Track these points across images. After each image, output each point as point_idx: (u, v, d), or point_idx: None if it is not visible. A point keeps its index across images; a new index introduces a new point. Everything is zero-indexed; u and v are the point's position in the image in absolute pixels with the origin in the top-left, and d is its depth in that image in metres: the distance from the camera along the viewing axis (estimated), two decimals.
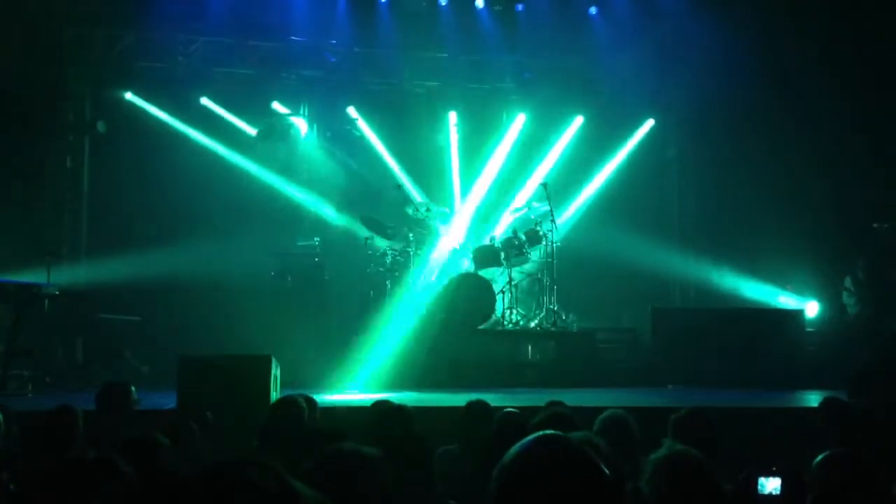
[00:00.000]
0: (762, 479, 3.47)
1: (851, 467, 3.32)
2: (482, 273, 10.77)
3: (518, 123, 13.21)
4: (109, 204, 11.81)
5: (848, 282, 10.32)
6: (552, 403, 5.12)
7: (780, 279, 12.00)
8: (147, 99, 12.09)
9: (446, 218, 11.68)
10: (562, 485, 1.58)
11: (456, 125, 13.03)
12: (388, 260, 11.00)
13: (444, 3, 12.50)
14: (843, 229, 11.40)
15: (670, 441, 3.13)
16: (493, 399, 5.51)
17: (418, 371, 9.66)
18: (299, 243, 11.76)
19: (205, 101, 12.30)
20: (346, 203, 12.19)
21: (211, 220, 11.59)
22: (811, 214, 11.76)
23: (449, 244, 11.27)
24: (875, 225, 10.28)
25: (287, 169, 12.50)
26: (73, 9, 11.35)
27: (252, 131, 12.36)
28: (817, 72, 11.47)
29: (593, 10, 12.73)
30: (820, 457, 3.44)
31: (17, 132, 11.01)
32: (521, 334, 10.76)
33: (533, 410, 5.11)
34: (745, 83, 11.76)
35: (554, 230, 11.02)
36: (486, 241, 11.20)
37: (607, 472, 1.62)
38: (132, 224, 11.58)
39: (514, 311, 10.93)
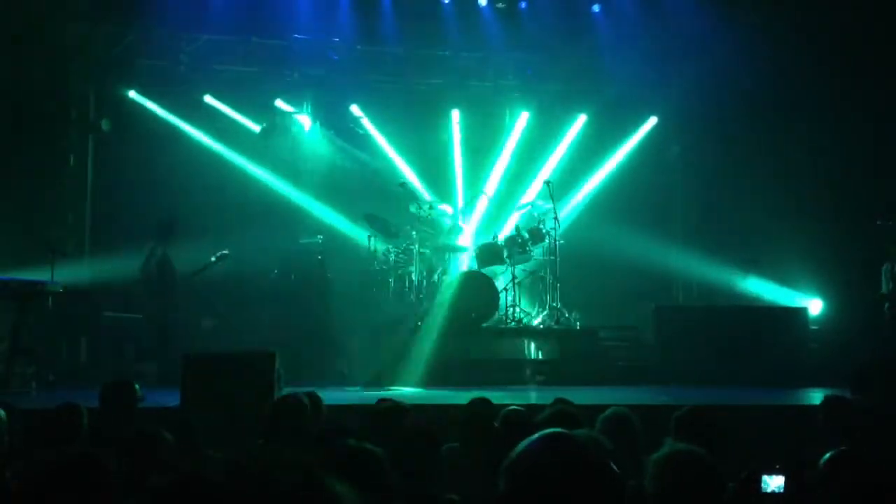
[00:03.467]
0: (765, 477, 3.48)
1: (859, 466, 3.33)
2: (485, 271, 10.77)
3: (521, 121, 13.22)
4: (113, 202, 11.82)
5: (885, 284, 10.15)
6: (558, 401, 5.12)
7: (783, 277, 12.00)
8: (150, 97, 12.10)
9: (450, 216, 11.68)
10: (568, 482, 1.59)
11: (459, 123, 13.05)
12: (392, 258, 11.01)
13: (447, 1, 12.50)
14: (848, 227, 11.38)
15: (671, 439, 3.13)
16: (495, 397, 5.51)
17: (422, 369, 9.67)
18: (302, 241, 11.77)
19: (208, 98, 12.32)
20: (350, 201, 12.19)
21: (214, 218, 11.60)
22: (815, 212, 11.75)
23: (458, 242, 11.31)
24: (878, 222, 10.24)
25: (290, 167, 12.52)
26: (75, 7, 11.35)
27: (255, 128, 12.38)
28: (822, 69, 11.46)
29: (596, 7, 12.73)
30: (827, 455, 3.44)
31: (21, 130, 11.02)
32: (524, 332, 10.76)
33: (536, 408, 5.12)
34: (750, 81, 11.76)
35: (557, 228, 11.02)
36: (490, 239, 11.19)
37: (614, 469, 1.63)
38: (135, 222, 11.58)
39: (517, 309, 10.94)
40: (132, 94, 12.06)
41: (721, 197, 12.58)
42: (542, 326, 10.89)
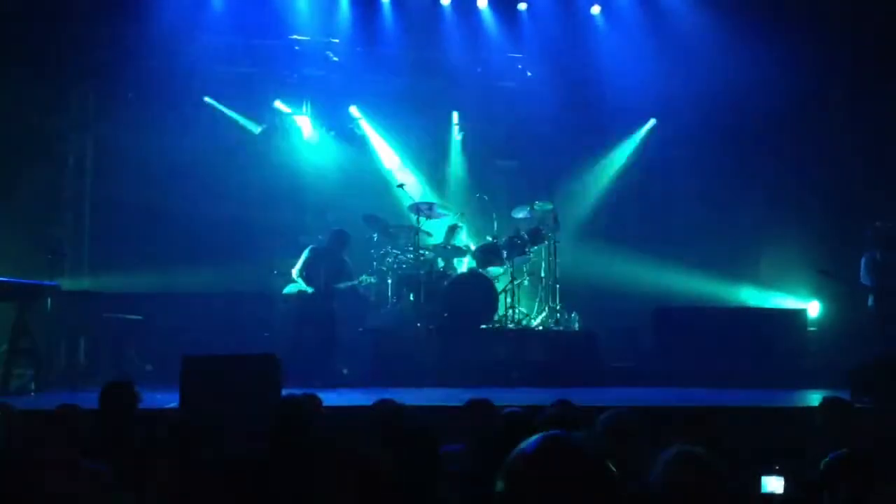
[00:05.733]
0: (765, 478, 3.48)
1: (859, 469, 3.33)
2: (484, 272, 10.77)
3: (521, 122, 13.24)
4: (112, 202, 11.83)
5: (866, 275, 9.96)
6: (558, 402, 5.12)
7: (782, 280, 12.01)
8: (149, 97, 12.10)
9: (449, 217, 11.68)
10: (568, 483, 1.59)
11: (458, 124, 13.06)
12: (390, 259, 11.00)
13: (446, 3, 12.52)
14: (847, 229, 11.38)
15: (678, 441, 3.14)
16: (495, 398, 5.51)
17: (421, 370, 9.67)
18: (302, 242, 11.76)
19: (207, 99, 12.33)
20: (349, 202, 12.19)
21: (214, 218, 11.62)
22: (814, 213, 11.77)
23: (458, 243, 11.31)
24: (877, 224, 10.23)
25: (289, 167, 12.54)
26: (73, 6, 11.34)
27: (256, 129, 12.40)
28: (822, 72, 11.47)
29: (596, 9, 12.75)
30: (827, 458, 3.45)
31: (19, 132, 11.03)
32: (523, 333, 10.76)
33: (535, 409, 5.12)
34: (749, 84, 11.77)
35: (556, 229, 11.02)
36: (489, 240, 11.19)
37: (613, 471, 1.63)
38: (135, 223, 11.61)
39: (517, 310, 10.93)
40: (132, 94, 12.06)
41: (720, 198, 12.59)
42: (541, 327, 10.89)
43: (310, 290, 10.17)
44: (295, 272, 10.30)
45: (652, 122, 13.21)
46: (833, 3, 11.47)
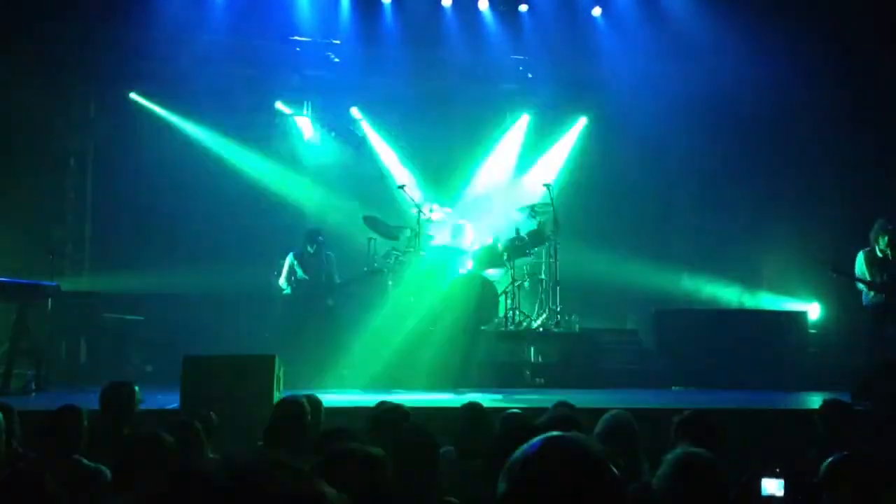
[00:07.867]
0: (765, 481, 3.47)
1: (860, 471, 3.33)
2: (485, 274, 10.76)
3: (521, 124, 13.23)
4: (113, 203, 11.83)
5: (865, 271, 9.77)
6: (559, 404, 5.12)
7: (782, 282, 12.01)
8: (150, 98, 12.10)
9: (450, 218, 11.67)
10: (571, 485, 1.59)
11: (460, 125, 13.05)
12: (391, 260, 11.00)
13: (447, 4, 12.51)
14: (847, 230, 11.37)
15: (684, 443, 3.14)
16: (496, 400, 5.51)
17: (421, 372, 9.66)
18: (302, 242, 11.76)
19: (209, 101, 12.32)
20: (349, 202, 12.19)
21: (215, 219, 11.61)
22: (814, 215, 11.76)
23: (459, 244, 11.30)
24: (881, 221, 10.20)
25: (290, 168, 12.55)
26: (74, 6, 11.34)
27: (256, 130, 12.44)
28: (823, 73, 11.47)
29: (597, 11, 12.74)
30: (828, 461, 3.44)
31: (21, 132, 11.03)
32: (524, 335, 10.74)
33: (536, 411, 5.13)
34: (750, 84, 11.77)
35: (557, 230, 11.01)
36: (489, 242, 11.17)
37: (616, 473, 1.63)
38: (135, 223, 11.61)
39: (517, 312, 10.92)
40: (133, 95, 12.06)
41: (721, 199, 12.59)
42: (542, 329, 10.87)
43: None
44: (282, 281, 10.43)
45: (652, 122, 13.18)
46: (833, 3, 11.48)
